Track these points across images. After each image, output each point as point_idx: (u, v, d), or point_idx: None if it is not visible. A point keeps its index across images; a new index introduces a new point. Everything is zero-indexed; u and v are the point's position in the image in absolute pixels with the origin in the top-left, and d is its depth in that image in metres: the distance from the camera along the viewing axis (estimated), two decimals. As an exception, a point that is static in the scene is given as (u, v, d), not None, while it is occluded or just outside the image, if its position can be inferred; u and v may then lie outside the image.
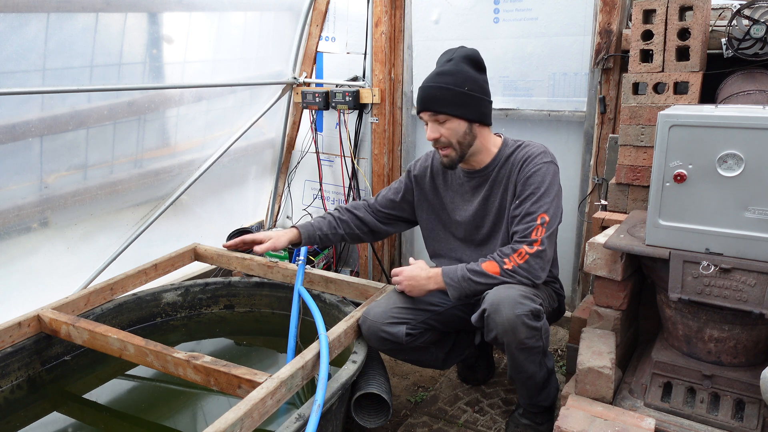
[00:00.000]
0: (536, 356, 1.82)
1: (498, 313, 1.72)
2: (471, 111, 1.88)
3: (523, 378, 1.89)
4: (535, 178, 1.87)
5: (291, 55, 3.33)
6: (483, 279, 1.81)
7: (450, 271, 1.87)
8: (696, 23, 1.99)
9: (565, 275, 2.84)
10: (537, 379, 1.90)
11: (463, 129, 1.89)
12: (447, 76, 1.87)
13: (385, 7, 3.06)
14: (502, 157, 1.97)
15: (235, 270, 2.66)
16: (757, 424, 1.61)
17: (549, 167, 1.89)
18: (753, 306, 1.57)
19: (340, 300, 2.32)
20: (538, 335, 1.76)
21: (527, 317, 1.71)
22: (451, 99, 1.86)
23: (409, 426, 2.15)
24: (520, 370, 1.85)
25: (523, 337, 1.73)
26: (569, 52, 2.71)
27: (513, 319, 1.70)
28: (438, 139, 1.90)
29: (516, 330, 1.71)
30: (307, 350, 1.76)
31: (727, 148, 1.56)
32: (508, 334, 1.73)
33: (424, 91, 1.89)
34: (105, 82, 2.40)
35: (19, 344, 2.01)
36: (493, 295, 1.75)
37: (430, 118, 1.90)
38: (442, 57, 1.96)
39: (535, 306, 1.73)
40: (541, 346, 1.80)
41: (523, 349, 1.77)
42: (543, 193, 1.85)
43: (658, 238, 1.69)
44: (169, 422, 2.02)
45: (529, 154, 1.91)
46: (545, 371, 1.93)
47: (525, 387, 1.95)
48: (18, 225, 2.26)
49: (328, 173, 3.52)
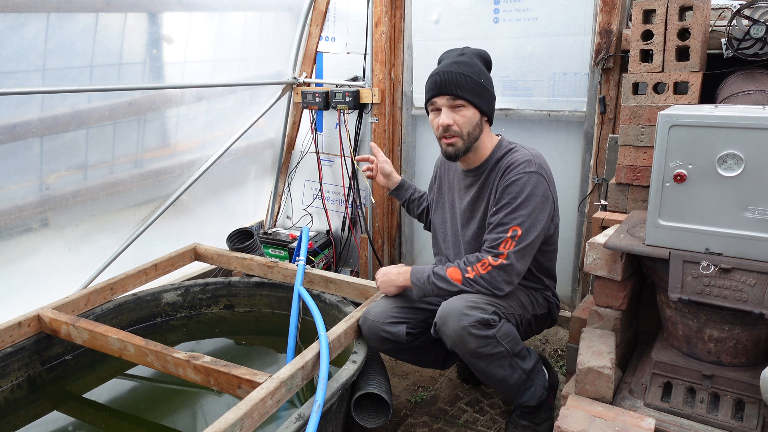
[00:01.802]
0: (500, 361, 1.80)
1: (445, 325, 1.74)
2: (485, 103, 1.88)
3: (495, 382, 1.88)
4: (513, 188, 1.82)
5: (291, 55, 3.33)
6: (444, 285, 1.83)
7: (418, 271, 1.91)
8: (696, 23, 1.99)
9: (565, 275, 2.84)
10: (511, 381, 1.86)
11: (476, 120, 1.87)
12: (465, 65, 1.85)
13: (385, 7, 3.06)
14: (493, 159, 1.94)
15: (235, 270, 2.66)
16: (757, 424, 1.61)
17: (530, 177, 1.81)
18: (753, 306, 1.57)
19: (340, 300, 2.32)
20: (492, 342, 1.74)
21: (473, 327, 1.70)
22: (471, 86, 1.83)
23: (409, 426, 2.15)
24: (488, 376, 1.85)
25: (473, 347, 1.73)
26: (569, 52, 2.71)
27: (459, 330, 1.71)
28: (450, 126, 1.85)
29: (464, 341, 1.72)
30: (307, 350, 1.76)
31: (727, 148, 1.56)
32: (458, 345, 1.75)
33: (443, 76, 1.84)
34: (105, 82, 2.40)
35: (19, 344, 2.01)
36: (442, 308, 1.78)
37: (447, 102, 1.84)
38: (450, 52, 1.94)
39: (483, 316, 1.71)
40: (503, 351, 1.77)
41: (480, 357, 1.76)
42: (518, 205, 1.80)
43: (658, 238, 1.69)
44: (169, 422, 2.02)
45: (513, 161, 1.86)
46: (520, 372, 1.87)
47: (502, 390, 1.95)
48: (18, 225, 2.26)
49: (328, 173, 3.53)
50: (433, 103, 1.88)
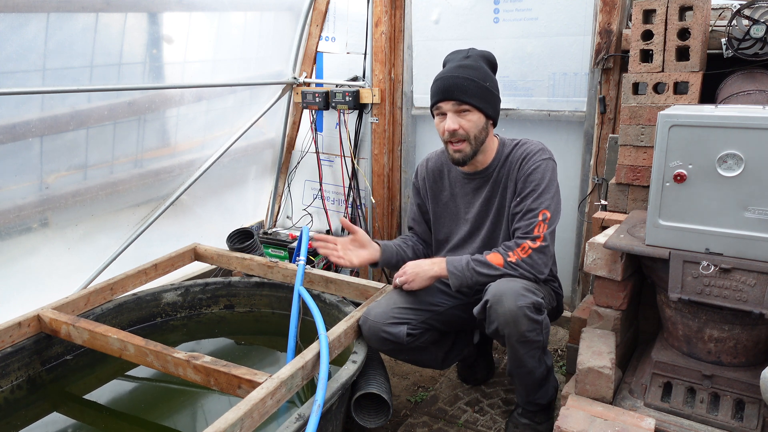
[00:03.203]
0: (536, 351, 1.82)
1: (500, 304, 1.72)
2: (491, 107, 1.89)
3: (523, 373, 1.89)
4: (536, 175, 1.87)
5: (291, 55, 3.33)
6: (486, 270, 1.82)
7: (455, 260, 1.88)
8: (696, 23, 1.99)
9: (565, 275, 2.84)
10: (536, 375, 1.90)
11: (481, 123, 1.88)
12: (470, 69, 1.86)
13: (385, 7, 3.06)
14: (501, 157, 1.97)
15: (235, 270, 2.66)
16: (757, 424, 1.61)
17: (548, 164, 1.90)
18: (753, 306, 1.57)
19: (340, 300, 2.32)
20: (539, 329, 1.76)
21: (529, 309, 1.71)
22: (476, 91, 1.84)
23: (409, 426, 2.15)
24: (520, 365, 1.85)
25: (524, 330, 1.73)
26: (569, 52, 2.71)
27: (515, 310, 1.70)
28: (456, 131, 1.86)
29: (518, 321, 1.71)
30: (307, 350, 1.76)
31: (727, 148, 1.56)
32: (510, 325, 1.73)
33: (448, 81, 1.84)
34: (105, 82, 2.40)
35: (19, 344, 2.01)
36: (495, 287, 1.76)
37: (453, 108, 1.85)
38: (455, 54, 1.94)
39: (537, 299, 1.74)
40: (542, 341, 1.81)
41: (524, 342, 1.77)
42: (543, 190, 1.86)
43: (658, 238, 1.69)
44: (169, 422, 2.02)
45: (528, 152, 1.92)
46: (544, 368, 1.92)
47: (524, 383, 1.95)
48: (18, 225, 2.26)
49: (328, 173, 3.52)
50: (439, 107, 1.89)
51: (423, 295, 1.98)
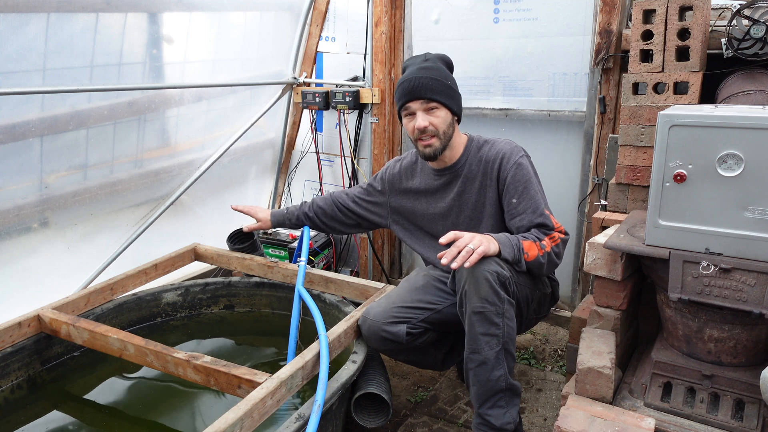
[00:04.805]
0: (494, 340, 1.72)
1: (470, 268, 1.73)
2: (455, 104, 2.00)
3: (477, 361, 1.74)
4: (520, 176, 1.96)
5: (291, 55, 3.33)
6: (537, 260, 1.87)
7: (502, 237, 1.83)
8: (696, 23, 2.00)
9: (565, 275, 2.84)
10: (490, 372, 1.73)
11: (449, 119, 1.98)
12: (432, 70, 1.96)
13: (385, 7, 3.06)
14: (470, 153, 2.05)
15: (235, 270, 2.66)
16: (757, 424, 1.61)
17: (526, 160, 2.00)
18: (753, 306, 1.57)
19: (340, 300, 2.32)
20: (499, 308, 1.70)
21: (492, 276, 1.71)
22: (441, 89, 1.95)
23: (409, 426, 2.15)
24: (475, 348, 1.73)
25: (483, 294, 1.69)
26: (569, 52, 2.71)
27: (478, 272, 1.72)
28: (427, 127, 1.94)
29: (479, 282, 1.71)
30: (307, 350, 1.76)
31: (727, 148, 1.56)
32: (470, 284, 1.72)
33: (414, 82, 1.94)
34: (105, 82, 2.40)
35: (19, 344, 2.01)
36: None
37: (421, 106, 1.94)
38: (414, 59, 2.05)
39: (504, 273, 1.74)
40: (501, 332, 1.72)
41: (481, 316, 1.70)
42: (534, 188, 1.96)
43: (658, 238, 1.69)
44: (169, 422, 2.02)
45: (505, 152, 1.99)
46: (502, 372, 1.74)
47: (477, 378, 1.76)
48: (18, 225, 2.26)
49: (328, 173, 3.52)
50: (407, 108, 1.98)
51: (422, 294, 1.98)
